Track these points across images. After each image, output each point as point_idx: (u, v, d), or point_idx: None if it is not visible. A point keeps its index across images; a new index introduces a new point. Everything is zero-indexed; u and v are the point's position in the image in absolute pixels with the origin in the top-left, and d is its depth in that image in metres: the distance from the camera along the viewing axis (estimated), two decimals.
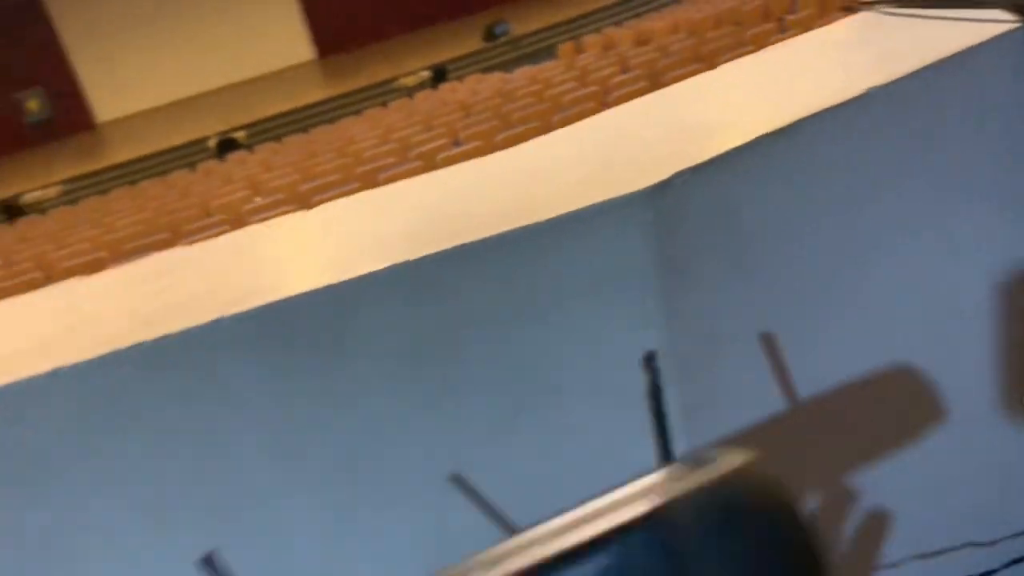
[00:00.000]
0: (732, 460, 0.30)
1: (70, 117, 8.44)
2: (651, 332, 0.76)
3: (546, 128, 3.03)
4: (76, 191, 6.62)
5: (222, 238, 0.92)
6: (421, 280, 0.73)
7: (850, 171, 0.79)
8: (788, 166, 0.78)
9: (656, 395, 0.39)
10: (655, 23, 6.34)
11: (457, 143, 3.74)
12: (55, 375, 0.67)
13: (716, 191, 0.77)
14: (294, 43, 8.92)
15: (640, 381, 0.72)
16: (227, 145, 7.06)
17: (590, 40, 6.62)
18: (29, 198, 6.27)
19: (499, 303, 0.74)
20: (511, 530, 0.69)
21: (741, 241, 0.78)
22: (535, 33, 7.98)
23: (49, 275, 3.32)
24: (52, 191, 6.55)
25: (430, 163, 3.34)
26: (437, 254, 0.72)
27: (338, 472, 0.74)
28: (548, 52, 6.95)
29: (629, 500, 0.28)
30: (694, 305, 0.77)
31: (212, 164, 5.88)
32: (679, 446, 0.53)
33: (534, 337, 0.75)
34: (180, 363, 0.70)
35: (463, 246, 0.72)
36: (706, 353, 0.79)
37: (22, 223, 5.35)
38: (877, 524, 0.82)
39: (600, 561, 0.28)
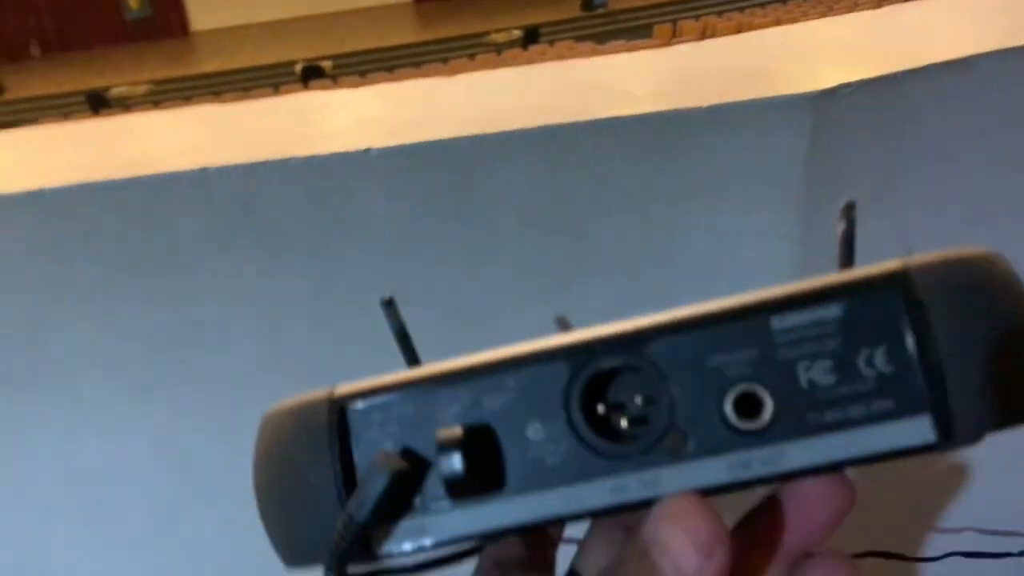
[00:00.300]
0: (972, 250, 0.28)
1: (167, 20, 8.57)
2: (786, 243, 0.74)
3: None
4: (162, 93, 6.74)
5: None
6: (565, 147, 0.71)
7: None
8: (958, 98, 0.75)
9: (849, 242, 0.37)
10: (756, 18, 6.21)
11: None
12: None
13: (880, 109, 0.74)
14: None
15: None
16: (312, 72, 7.12)
17: (687, 25, 6.51)
18: (116, 92, 6.39)
19: (637, 185, 0.73)
20: None
21: (896, 165, 0.75)
22: (633, 10, 7.89)
23: None
24: (139, 89, 6.68)
25: None
26: (586, 122, 0.71)
27: (444, 321, 0.73)
28: (644, 31, 6.88)
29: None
30: (832, 229, 0.74)
31: (295, 88, 5.94)
32: None
33: (667, 225, 0.74)
34: (319, 185, 0.70)
35: (614, 119, 0.71)
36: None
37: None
38: None
39: (832, 310, 0.26)
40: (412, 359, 0.45)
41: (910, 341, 0.25)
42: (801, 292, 0.26)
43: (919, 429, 0.25)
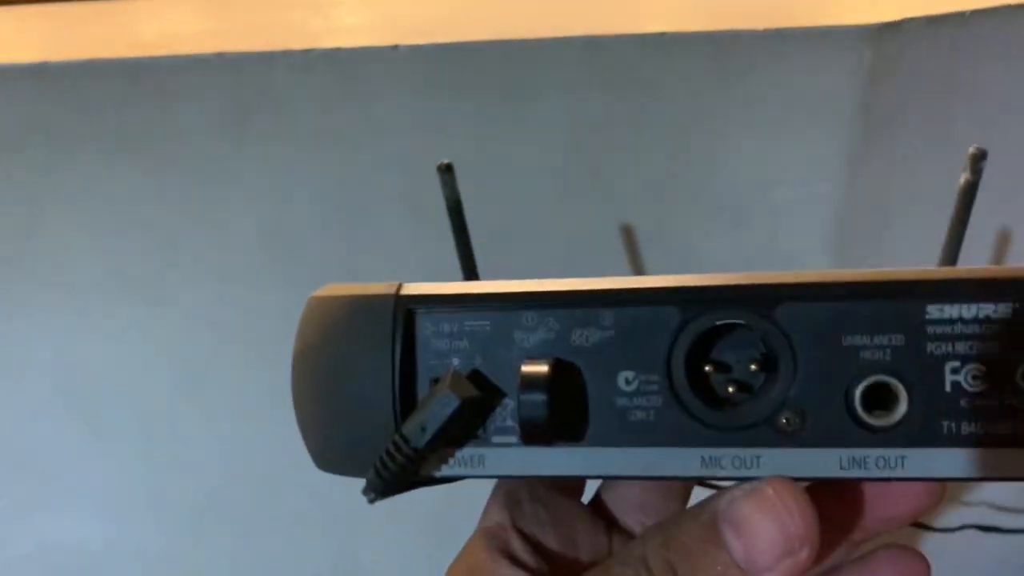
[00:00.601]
0: None
1: None
2: (829, 185, 0.71)
3: None
4: None
5: None
6: (609, 60, 0.67)
7: None
8: None
9: (970, 194, 0.33)
10: None
11: None
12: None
13: (943, 50, 0.70)
14: None
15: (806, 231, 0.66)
16: None
17: None
18: None
19: (680, 107, 0.69)
20: None
21: (956, 112, 0.71)
22: None
23: None
24: None
25: None
26: (633, 36, 0.66)
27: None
28: None
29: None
30: (883, 165, 0.71)
31: None
32: None
33: (706, 152, 0.70)
34: (339, 80, 0.65)
35: (663, 35, 0.66)
36: (877, 220, 0.73)
37: None
38: None
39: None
40: (462, 233, 0.41)
41: None
42: (969, 279, 0.23)
43: None
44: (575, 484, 0.33)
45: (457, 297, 0.25)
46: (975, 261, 0.67)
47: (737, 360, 0.25)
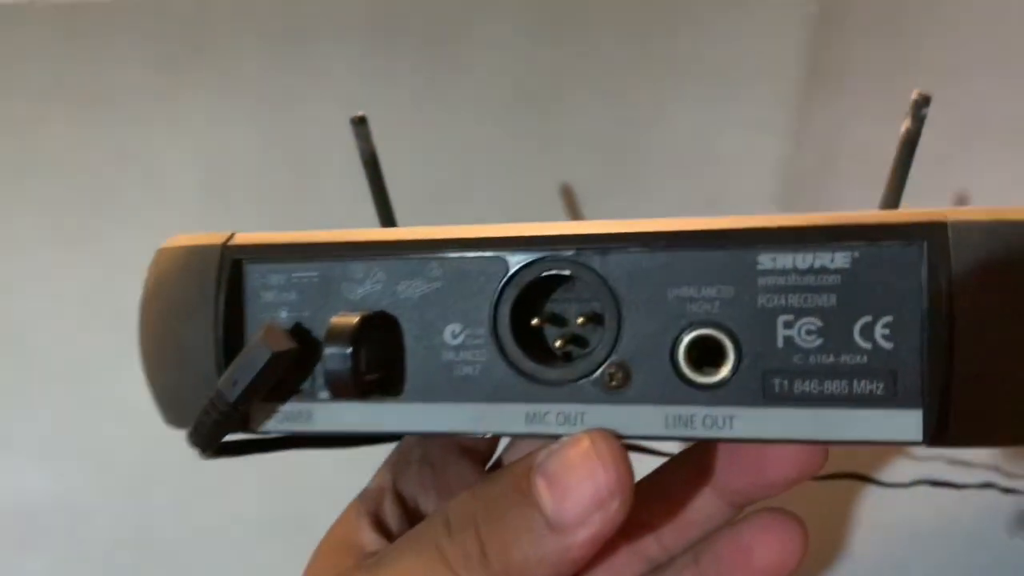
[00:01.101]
0: None
1: None
2: (775, 140, 0.69)
3: None
4: None
5: None
6: (551, 10, 0.65)
7: None
8: None
9: (911, 144, 0.32)
10: None
11: None
12: None
13: (895, 2, 0.68)
14: None
15: (752, 186, 0.65)
16: None
17: None
18: None
19: (624, 59, 0.67)
20: None
21: (903, 60, 0.69)
22: None
23: None
24: None
25: None
26: None
27: (405, 184, 0.68)
28: None
29: None
30: (830, 116, 0.70)
31: None
32: None
33: (649, 106, 0.68)
34: (279, 22, 0.63)
35: None
36: (824, 172, 0.72)
37: None
38: None
39: None
40: (379, 189, 0.40)
41: (926, 315, 0.20)
42: (804, 227, 0.21)
43: (903, 425, 0.21)
44: (480, 447, 0.32)
45: (286, 247, 0.24)
46: None
47: (569, 313, 0.24)
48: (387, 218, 0.46)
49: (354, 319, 0.22)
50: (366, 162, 0.36)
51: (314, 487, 0.71)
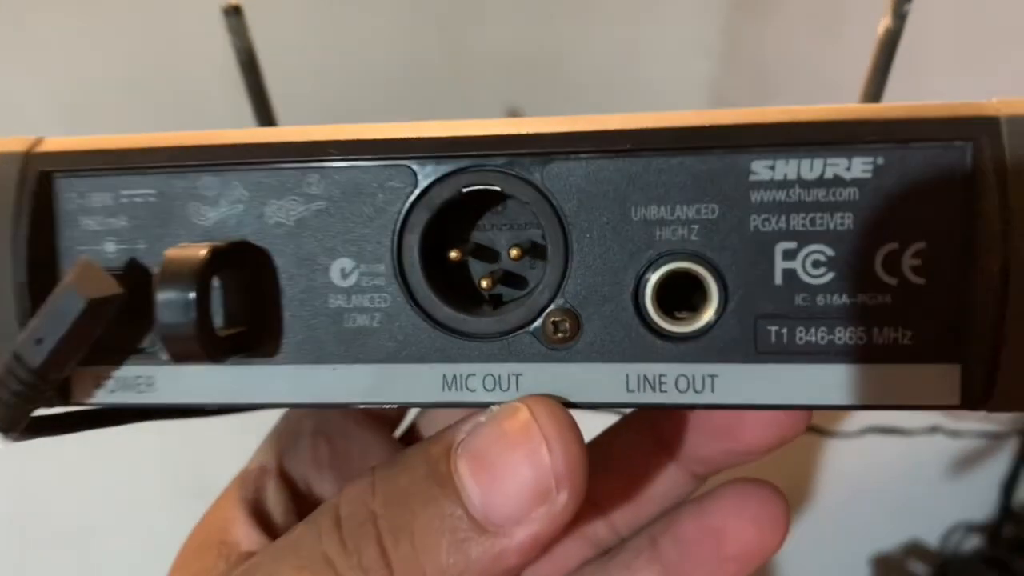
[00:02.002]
0: None
1: None
2: (704, 61, 0.64)
3: None
4: None
5: None
6: None
7: None
8: None
9: (891, 46, 0.27)
10: None
11: None
12: None
13: None
14: None
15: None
16: None
17: None
18: None
19: None
20: None
21: None
22: None
23: None
24: None
25: None
26: None
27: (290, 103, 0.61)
28: None
29: None
30: (761, 39, 0.65)
31: None
32: None
33: (572, 30, 0.62)
34: None
35: None
36: (757, 96, 0.67)
37: None
38: None
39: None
40: (257, 90, 0.33)
41: (970, 241, 0.15)
42: (810, 122, 0.15)
43: (937, 383, 0.16)
44: (390, 413, 0.26)
45: (112, 154, 0.18)
46: None
47: (498, 243, 0.18)
48: (268, 124, 0.39)
49: (200, 251, 0.16)
50: (242, 61, 0.30)
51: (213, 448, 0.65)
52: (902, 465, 0.66)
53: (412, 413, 0.29)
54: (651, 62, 0.63)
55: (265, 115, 0.37)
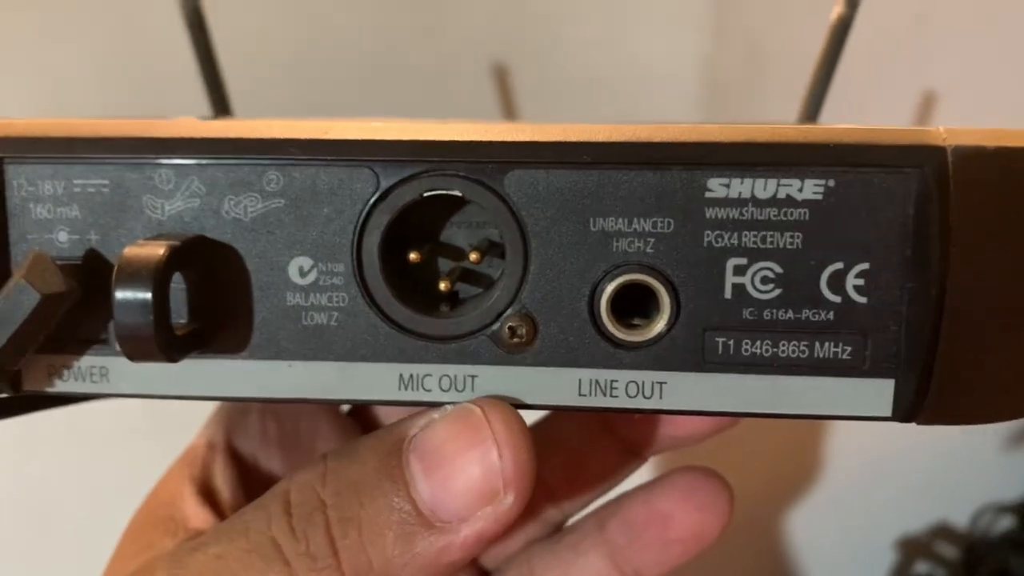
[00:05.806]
0: None
1: None
2: (693, 35, 0.64)
3: None
4: None
5: None
6: None
7: None
8: None
9: (841, 35, 0.27)
10: None
11: None
12: None
13: None
14: None
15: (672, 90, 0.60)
16: None
17: None
18: None
19: None
20: None
21: None
22: None
23: None
24: None
25: None
26: None
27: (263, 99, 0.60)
28: None
29: None
30: (754, 10, 0.65)
31: None
32: None
33: (552, 9, 0.61)
34: None
35: None
36: (751, 72, 0.68)
37: None
38: None
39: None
40: (207, 59, 0.33)
41: (911, 264, 0.16)
42: (769, 143, 0.16)
43: (871, 397, 0.17)
44: None
45: (63, 142, 0.17)
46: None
47: (458, 247, 0.18)
48: (219, 99, 0.38)
49: (158, 250, 0.16)
50: (190, 23, 0.29)
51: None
52: (928, 444, 0.66)
53: None
54: (640, 35, 0.63)
55: (215, 85, 0.36)
